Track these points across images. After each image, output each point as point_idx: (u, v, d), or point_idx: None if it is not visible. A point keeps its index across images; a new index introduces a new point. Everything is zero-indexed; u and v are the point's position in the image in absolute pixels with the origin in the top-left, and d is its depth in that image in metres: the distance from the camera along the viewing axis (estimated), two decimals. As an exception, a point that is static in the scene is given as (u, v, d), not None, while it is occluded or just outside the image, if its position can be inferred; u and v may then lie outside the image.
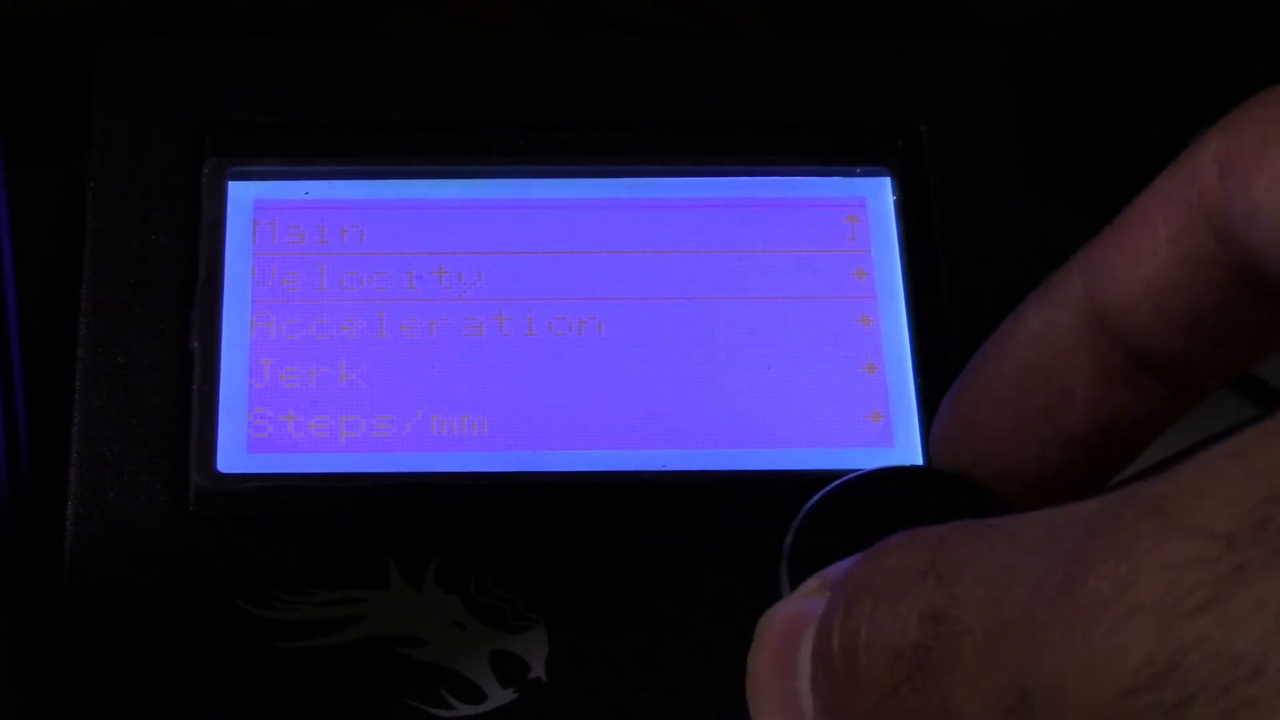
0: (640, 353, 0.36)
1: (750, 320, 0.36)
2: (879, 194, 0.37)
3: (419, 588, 0.33)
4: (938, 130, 0.37)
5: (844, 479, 0.30)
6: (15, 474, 0.35)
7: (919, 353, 0.36)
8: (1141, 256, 0.26)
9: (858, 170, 0.37)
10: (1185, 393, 0.27)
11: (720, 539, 0.34)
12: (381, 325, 0.36)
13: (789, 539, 0.30)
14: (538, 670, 0.33)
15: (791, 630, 0.25)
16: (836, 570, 0.25)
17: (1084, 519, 0.20)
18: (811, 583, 0.25)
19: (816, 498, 0.30)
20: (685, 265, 0.36)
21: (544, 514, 0.34)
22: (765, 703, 0.25)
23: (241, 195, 0.37)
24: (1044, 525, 0.21)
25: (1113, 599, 0.19)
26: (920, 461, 0.35)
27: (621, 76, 0.38)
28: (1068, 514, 0.21)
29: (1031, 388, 0.28)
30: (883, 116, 0.38)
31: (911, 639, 0.22)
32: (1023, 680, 0.20)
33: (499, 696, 0.33)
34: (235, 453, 0.34)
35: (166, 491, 0.34)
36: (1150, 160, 0.44)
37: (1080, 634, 0.19)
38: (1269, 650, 0.18)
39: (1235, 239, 0.25)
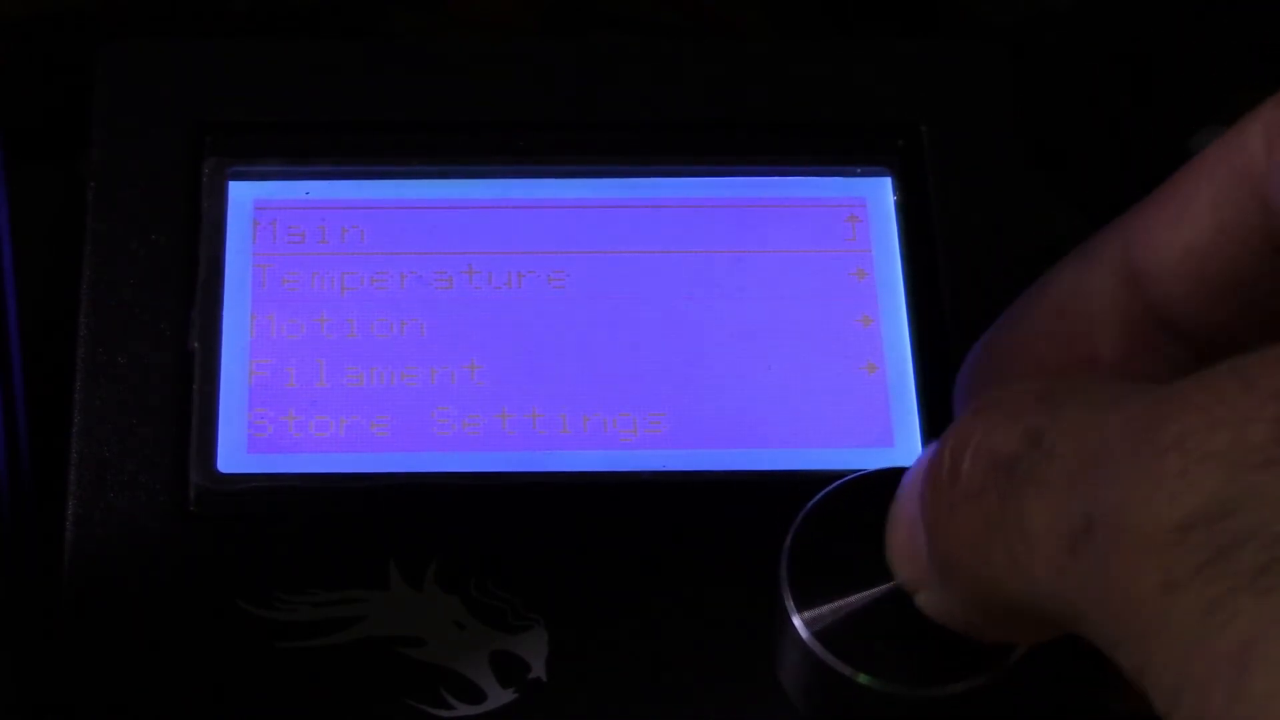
0: (640, 353, 0.36)
1: (750, 320, 0.36)
2: (879, 194, 0.37)
3: (419, 588, 0.33)
4: (938, 130, 0.37)
5: (844, 479, 0.30)
6: (15, 474, 0.35)
7: (919, 353, 0.36)
8: (1182, 222, 0.26)
9: (858, 170, 0.37)
10: (1208, 361, 0.28)
11: (720, 539, 0.34)
12: (381, 325, 0.36)
13: (789, 539, 0.30)
14: (538, 670, 0.33)
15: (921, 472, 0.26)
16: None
17: (1191, 377, 0.21)
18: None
19: (817, 498, 0.30)
20: (685, 265, 0.36)
21: (544, 514, 0.34)
22: (896, 519, 0.27)
23: (241, 195, 0.37)
24: (1147, 388, 0.22)
25: (1188, 442, 0.20)
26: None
27: (621, 76, 0.38)
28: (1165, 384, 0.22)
29: (1059, 345, 0.29)
30: (883, 116, 0.38)
31: (1010, 450, 0.23)
32: (1091, 506, 0.21)
33: (499, 696, 0.33)
34: (235, 453, 0.34)
35: (166, 491, 0.34)
36: (1150, 160, 0.44)
37: (1152, 471, 0.20)
38: None
39: (1277, 210, 0.25)
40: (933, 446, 0.26)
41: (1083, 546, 0.21)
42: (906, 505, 0.27)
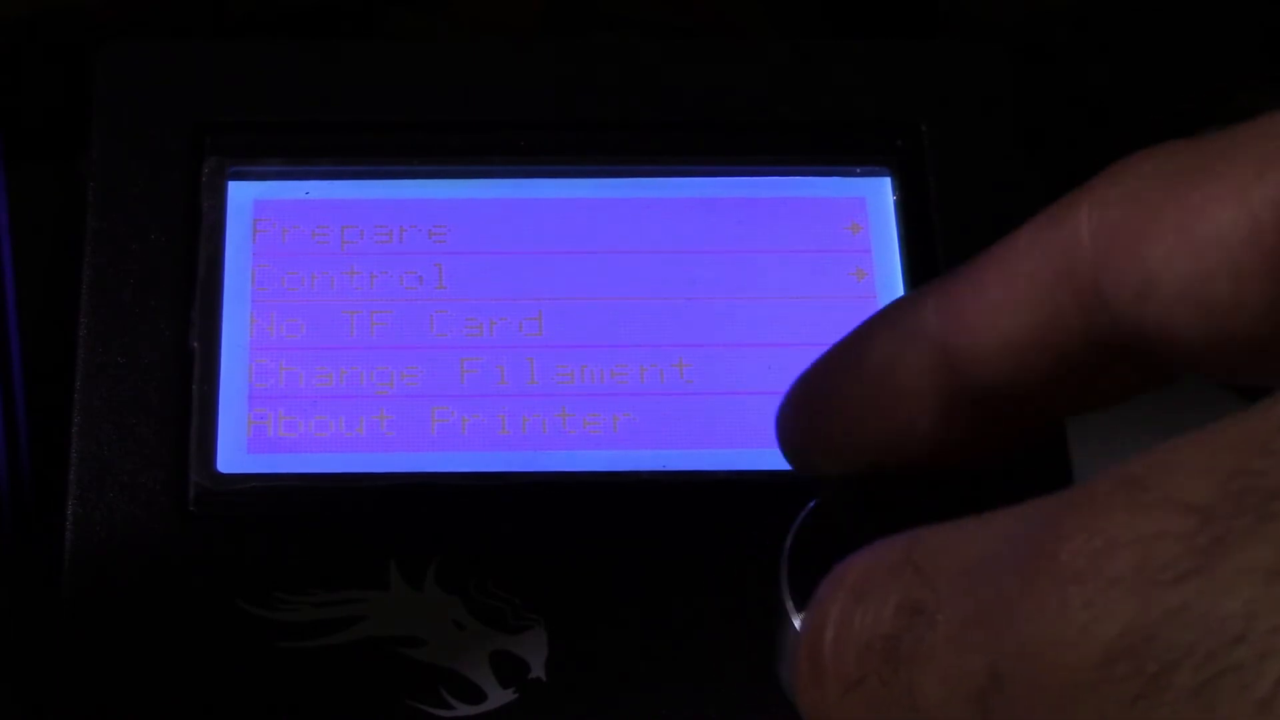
0: (640, 352, 0.36)
1: (750, 320, 0.36)
2: (879, 194, 0.37)
3: (419, 588, 0.33)
4: (938, 130, 0.37)
5: (845, 479, 0.30)
6: (15, 474, 0.35)
7: (919, 353, 0.36)
8: (1001, 313, 0.25)
9: (858, 170, 0.37)
10: (1025, 431, 0.27)
11: (720, 539, 0.34)
12: (381, 325, 0.36)
13: (789, 539, 0.30)
14: (538, 670, 0.33)
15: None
16: None
17: (1056, 499, 0.20)
18: None
19: (817, 499, 0.30)
20: (685, 265, 0.36)
21: (544, 514, 0.34)
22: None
23: (241, 195, 0.37)
24: (1016, 514, 0.21)
25: (1088, 571, 0.19)
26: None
27: (621, 76, 0.38)
28: (1041, 500, 0.21)
29: (874, 413, 0.28)
30: (883, 116, 0.38)
31: (885, 630, 0.22)
32: (994, 661, 0.20)
33: (499, 696, 0.33)
34: (235, 453, 0.34)
35: (166, 491, 0.34)
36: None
37: (1055, 608, 0.19)
38: (1254, 615, 0.18)
39: (1109, 311, 0.24)
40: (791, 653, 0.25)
41: (996, 702, 0.20)
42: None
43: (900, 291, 0.36)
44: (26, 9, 0.44)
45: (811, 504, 0.30)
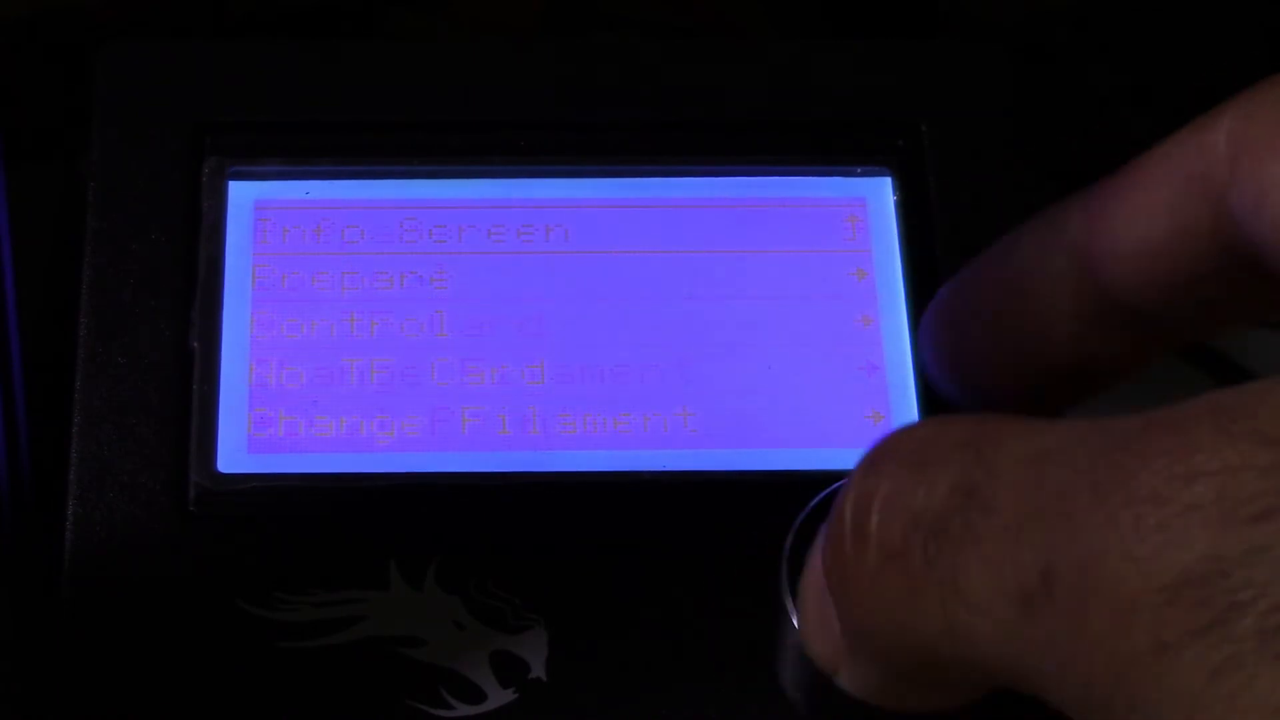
0: (640, 352, 0.36)
1: (750, 320, 0.36)
2: (879, 194, 0.37)
3: (419, 588, 0.33)
4: (938, 130, 0.37)
5: (845, 480, 0.30)
6: (15, 474, 0.35)
7: (919, 352, 0.36)
8: (1138, 218, 0.26)
9: (858, 170, 0.37)
10: (1154, 346, 0.28)
11: (720, 539, 0.34)
12: (381, 325, 0.36)
13: (789, 539, 0.30)
14: (538, 670, 0.33)
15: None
16: None
17: (1141, 417, 0.20)
18: None
19: (817, 498, 0.30)
20: (685, 265, 0.36)
21: (544, 514, 0.34)
22: (805, 596, 0.25)
23: (241, 195, 0.37)
24: (1093, 424, 0.21)
25: (1167, 494, 0.19)
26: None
27: (621, 76, 0.38)
28: (1118, 418, 0.20)
29: (1015, 315, 0.28)
30: (883, 116, 0.38)
31: (936, 506, 0.21)
32: (1049, 561, 0.20)
33: (499, 696, 0.33)
34: (235, 453, 0.34)
35: (166, 491, 0.34)
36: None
37: (1129, 524, 0.19)
38: None
39: (1235, 221, 0.24)
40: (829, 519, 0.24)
41: (1041, 605, 0.20)
42: (812, 583, 0.25)
43: (900, 292, 0.36)
44: (26, 9, 0.44)
45: (811, 504, 0.30)
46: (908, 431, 0.23)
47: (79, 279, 0.36)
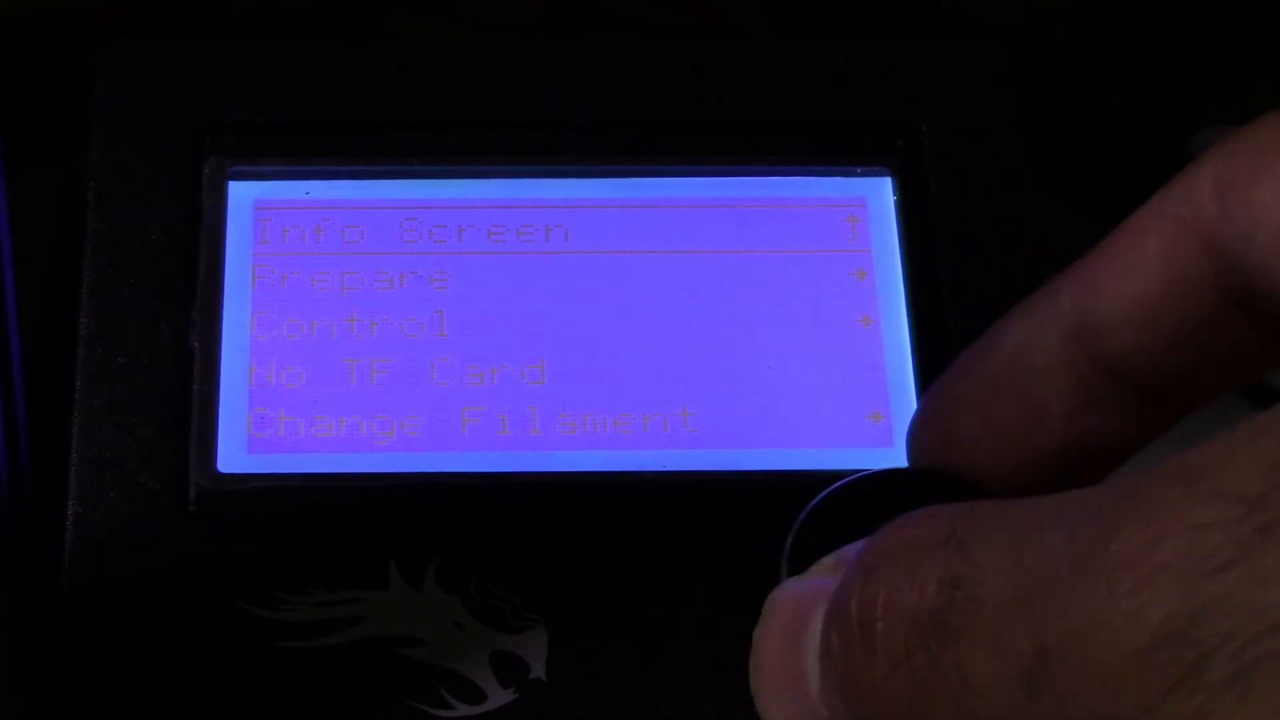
0: (640, 352, 0.36)
1: (750, 320, 0.36)
2: (879, 194, 0.37)
3: (419, 588, 0.33)
4: (938, 130, 0.37)
5: (845, 480, 0.30)
6: (15, 474, 0.35)
7: (919, 353, 0.36)
8: (1131, 273, 0.26)
9: (858, 170, 0.37)
10: (1162, 412, 0.28)
11: (720, 539, 0.34)
12: (381, 325, 0.36)
13: (789, 539, 0.30)
14: (538, 670, 0.33)
15: (803, 605, 0.25)
16: (850, 550, 0.25)
17: (1110, 489, 0.21)
18: (827, 560, 0.26)
19: (817, 498, 0.30)
20: (685, 265, 0.36)
21: (544, 514, 0.34)
22: (769, 678, 0.25)
23: (241, 195, 0.37)
24: (1068, 500, 0.21)
25: (1137, 560, 0.19)
26: (920, 462, 0.35)
27: (621, 76, 0.38)
28: (1092, 490, 0.21)
29: (1007, 399, 0.28)
30: (883, 116, 0.38)
31: (929, 605, 0.22)
32: (1042, 640, 0.20)
33: (499, 696, 0.33)
34: (235, 453, 0.34)
35: (166, 491, 0.34)
36: (1150, 160, 0.44)
37: (1104, 593, 0.20)
38: None
39: (1229, 257, 0.25)
40: (788, 604, 0.25)
41: (1042, 684, 0.20)
42: (774, 655, 0.25)
43: (900, 292, 0.36)
44: (26, 9, 0.44)
45: (812, 504, 0.30)
46: (897, 531, 0.23)
47: (79, 279, 0.36)
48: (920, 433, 0.30)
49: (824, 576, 0.25)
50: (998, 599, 0.21)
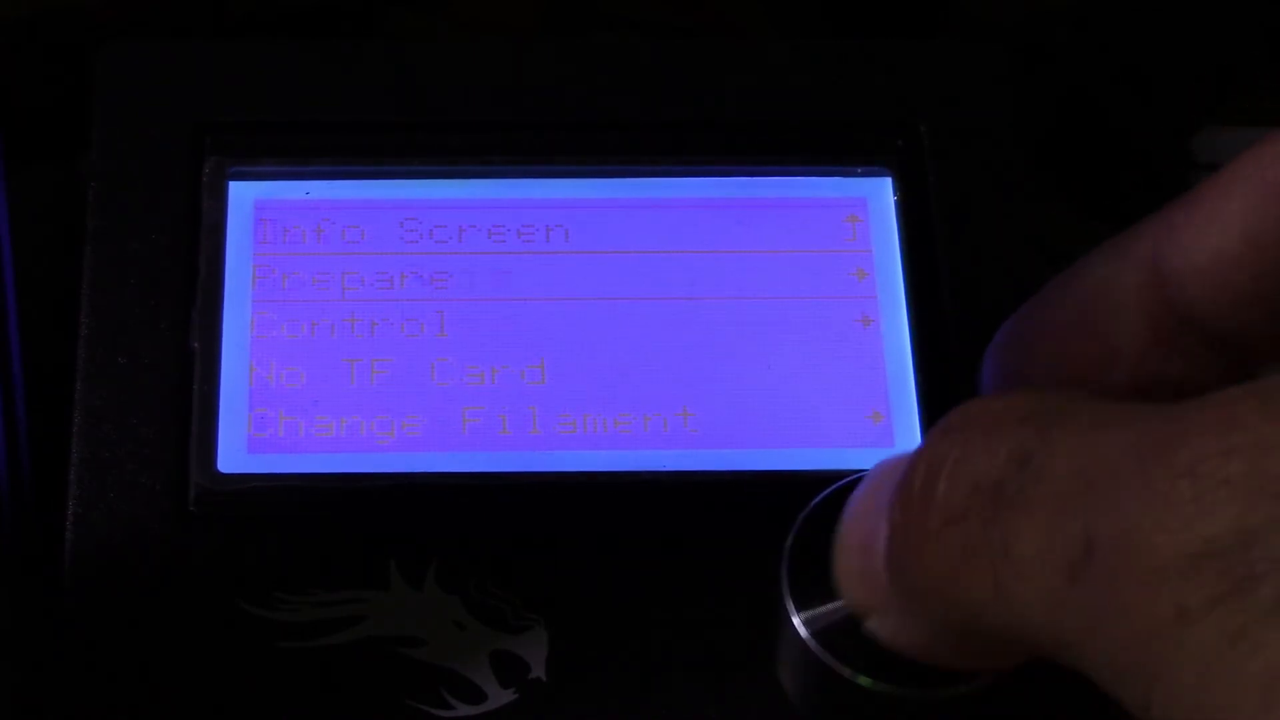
0: (640, 353, 0.36)
1: (750, 320, 0.36)
2: (879, 194, 0.37)
3: (419, 588, 0.33)
4: (938, 130, 0.37)
5: (845, 480, 0.30)
6: (15, 474, 0.35)
7: (919, 353, 0.36)
8: (1211, 228, 0.26)
9: (858, 170, 0.37)
10: (1233, 364, 0.28)
11: (720, 539, 0.34)
12: (381, 325, 0.36)
13: (790, 539, 0.30)
14: (538, 670, 0.33)
15: (897, 466, 0.25)
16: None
17: (1187, 402, 0.21)
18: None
19: (818, 498, 0.30)
20: (685, 265, 0.36)
21: (544, 514, 0.34)
22: (847, 536, 0.26)
23: (241, 195, 0.37)
24: (1147, 405, 0.21)
25: (1202, 469, 0.20)
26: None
27: (621, 76, 0.38)
28: (1172, 404, 0.21)
29: (1082, 336, 0.28)
30: (883, 116, 0.38)
31: (996, 474, 0.22)
32: (1092, 531, 0.20)
33: (499, 696, 0.33)
34: (235, 453, 0.34)
35: (166, 491, 0.34)
36: (1150, 160, 0.44)
37: (1163, 495, 0.20)
38: None
39: None
40: (887, 466, 0.25)
41: (1082, 573, 0.21)
42: (856, 526, 0.26)
43: (900, 292, 0.36)
44: (26, 9, 0.44)
45: (813, 504, 0.30)
46: (983, 402, 0.24)
47: (79, 279, 0.36)
48: (997, 356, 0.30)
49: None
50: (1060, 482, 0.21)
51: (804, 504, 0.30)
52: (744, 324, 0.36)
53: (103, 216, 0.36)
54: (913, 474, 0.24)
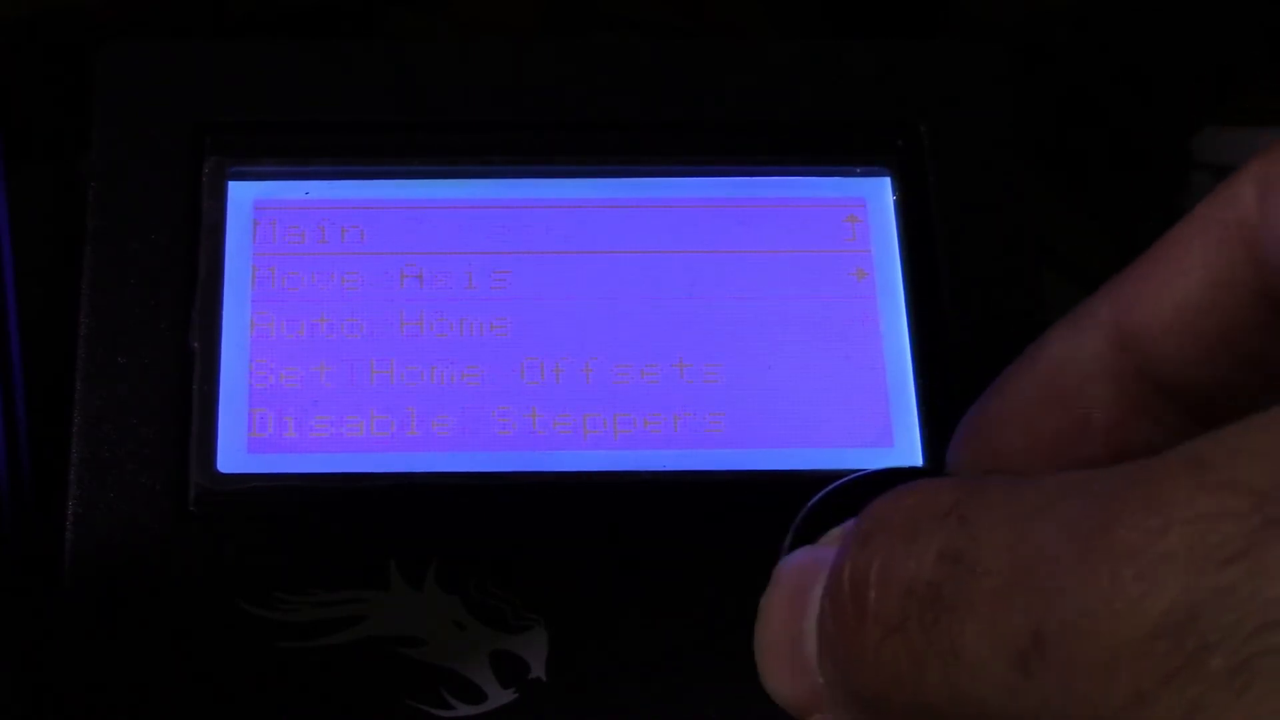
0: (640, 353, 0.36)
1: (750, 320, 0.36)
2: (879, 194, 0.37)
3: (419, 588, 0.33)
4: (938, 130, 0.37)
5: (844, 479, 0.30)
6: (15, 474, 0.35)
7: (919, 353, 0.36)
8: (1173, 280, 0.26)
9: (858, 170, 0.37)
10: (1204, 423, 0.27)
11: (720, 539, 0.34)
12: (381, 325, 0.36)
13: (789, 539, 0.30)
14: (538, 670, 0.33)
15: (806, 573, 0.25)
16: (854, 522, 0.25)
17: (1118, 473, 0.21)
18: (835, 531, 0.26)
19: (816, 498, 0.30)
20: (685, 265, 0.36)
21: (544, 514, 0.34)
22: (771, 645, 0.26)
23: (241, 195, 0.37)
24: (1075, 480, 0.21)
25: (1143, 546, 0.19)
26: (920, 462, 0.35)
27: (621, 76, 0.38)
28: (1101, 471, 0.21)
29: (1050, 411, 0.28)
30: (883, 116, 0.38)
31: (926, 576, 0.22)
32: (1039, 623, 0.20)
33: (499, 696, 0.33)
34: (235, 453, 0.34)
35: (166, 491, 0.34)
36: (1150, 160, 0.44)
37: (1106, 578, 0.19)
38: None
39: (1271, 263, 0.25)
40: (796, 569, 0.25)
41: (1036, 665, 0.20)
42: (777, 631, 0.26)
43: (900, 292, 0.36)
44: (26, 9, 0.44)
45: (811, 504, 0.30)
46: (896, 499, 0.23)
47: (79, 279, 0.36)
48: (962, 447, 0.30)
49: (830, 546, 0.25)
50: (997, 576, 0.21)
51: (804, 504, 0.30)
52: (744, 324, 0.36)
53: (103, 216, 0.36)
54: (838, 584, 0.23)
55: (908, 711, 0.23)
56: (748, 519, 0.33)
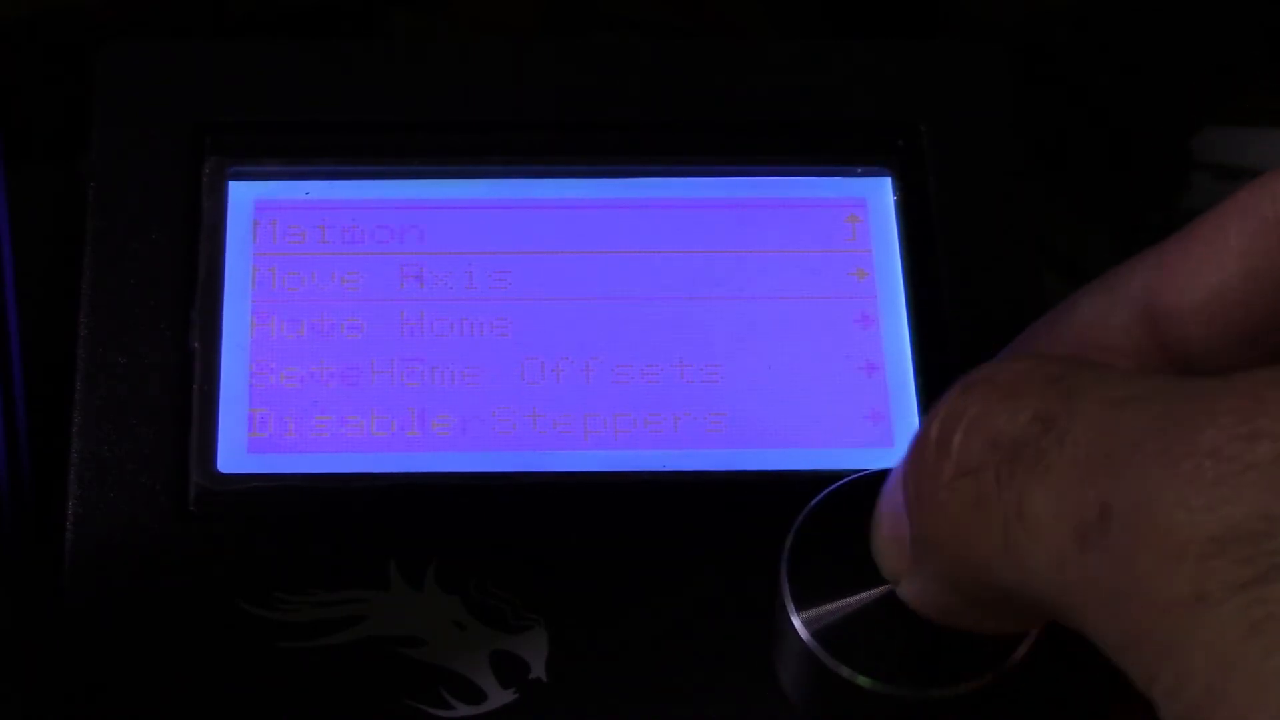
0: (640, 353, 0.36)
1: (750, 320, 0.36)
2: (879, 194, 0.37)
3: (419, 588, 0.33)
4: (938, 130, 0.37)
5: (845, 480, 0.30)
6: (15, 474, 0.35)
7: (919, 353, 0.36)
8: (1208, 266, 0.26)
9: (858, 170, 0.37)
10: None
11: (720, 539, 0.34)
12: (381, 326, 0.36)
13: (790, 539, 0.30)
14: (538, 670, 0.33)
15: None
16: None
17: (1218, 379, 0.21)
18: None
19: (818, 498, 0.30)
20: (685, 265, 0.36)
21: (544, 514, 0.34)
22: (887, 496, 0.27)
23: (241, 195, 0.37)
24: (1176, 380, 0.21)
25: (1229, 451, 0.19)
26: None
27: (621, 76, 0.38)
28: (1200, 377, 0.21)
29: None
30: (883, 116, 0.38)
31: (1015, 433, 0.22)
32: (1109, 500, 0.20)
33: (499, 696, 0.33)
34: (235, 453, 0.34)
35: (166, 491, 0.34)
36: (1150, 160, 0.44)
37: (1186, 473, 0.20)
38: None
39: None
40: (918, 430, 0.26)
41: (1094, 540, 0.21)
42: (891, 496, 0.27)
43: (900, 292, 0.36)
44: (26, 9, 0.44)
45: (812, 504, 0.30)
46: (1006, 363, 0.24)
47: (79, 279, 0.36)
48: None
49: None
50: (1081, 448, 0.21)
51: (804, 504, 0.30)
52: (744, 324, 0.36)
53: (103, 216, 0.36)
54: (929, 426, 0.24)
55: (965, 563, 0.23)
56: (748, 519, 0.33)
